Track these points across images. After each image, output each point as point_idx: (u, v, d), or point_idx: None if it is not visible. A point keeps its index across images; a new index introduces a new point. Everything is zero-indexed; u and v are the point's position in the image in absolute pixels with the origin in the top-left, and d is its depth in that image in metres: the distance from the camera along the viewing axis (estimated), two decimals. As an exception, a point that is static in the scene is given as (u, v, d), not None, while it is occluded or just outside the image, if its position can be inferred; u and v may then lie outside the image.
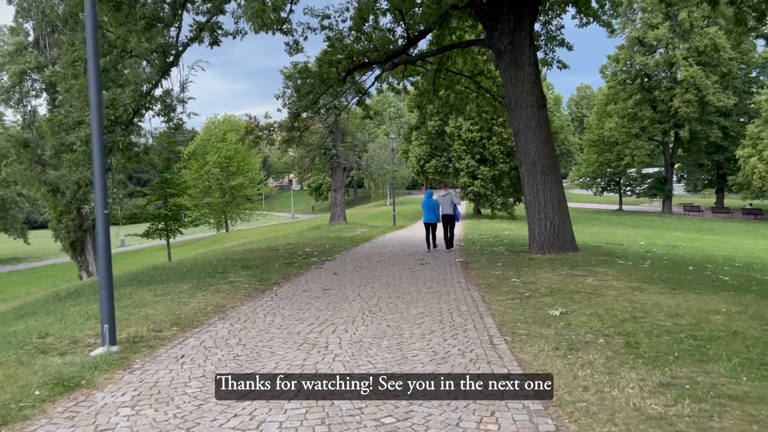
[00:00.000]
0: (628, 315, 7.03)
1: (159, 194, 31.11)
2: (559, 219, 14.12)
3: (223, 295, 8.94)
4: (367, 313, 7.45)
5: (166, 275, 11.41)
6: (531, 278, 10.05)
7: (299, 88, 19.46)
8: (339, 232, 26.74)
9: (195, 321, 7.17)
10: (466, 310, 7.55)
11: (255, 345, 5.98)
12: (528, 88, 14.16)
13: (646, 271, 11.13)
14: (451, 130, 43.81)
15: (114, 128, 10.31)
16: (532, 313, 7.28)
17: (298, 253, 15.92)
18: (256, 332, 6.56)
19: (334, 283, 10.41)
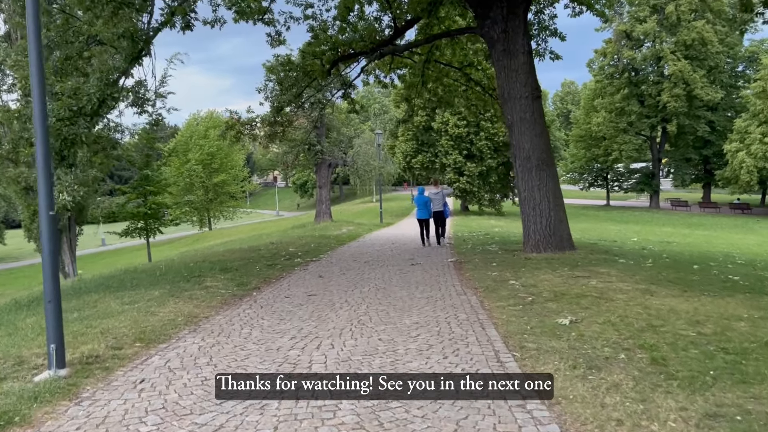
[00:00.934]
0: (644, 323, 6.35)
1: (138, 192, 30.07)
2: (555, 216, 13.46)
3: (197, 303, 8.13)
4: (355, 324, 6.69)
5: (138, 279, 10.56)
6: (531, 280, 9.35)
7: (282, 81, 18.63)
8: (324, 231, 25.93)
9: (162, 335, 6.38)
10: (466, 319, 6.82)
11: (228, 365, 5.21)
12: (522, 79, 13.47)
13: (649, 271, 10.48)
14: (438, 125, 43.12)
15: (77, 120, 9.45)
16: (539, 321, 6.57)
17: (281, 253, 15.11)
18: (231, 348, 5.79)
19: (319, 287, 9.65)
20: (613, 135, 54.74)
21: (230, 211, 62.53)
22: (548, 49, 17.86)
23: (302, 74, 17.87)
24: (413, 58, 18.85)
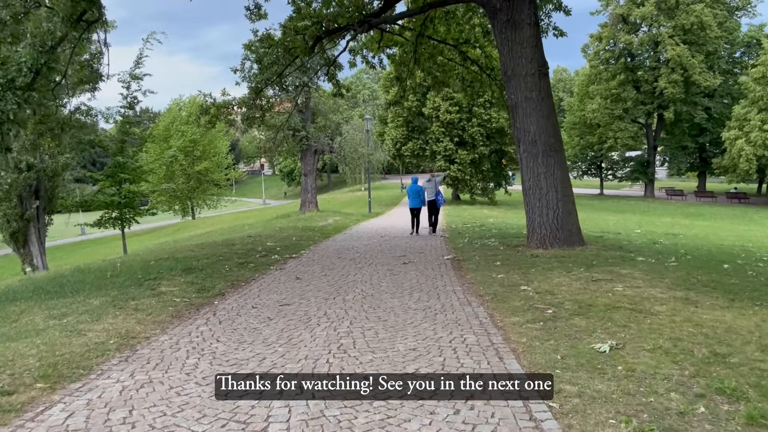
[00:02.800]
0: (705, 350, 4.94)
1: (113, 180, 28.24)
2: (564, 208, 12.03)
3: (142, 317, 6.60)
4: (334, 351, 5.19)
5: (83, 282, 8.97)
6: (545, 285, 7.91)
7: (261, 58, 16.97)
8: (309, 221, 24.36)
9: (81, 367, 4.86)
10: (475, 343, 5.35)
11: (152, 424, 3.71)
12: (528, 53, 11.97)
13: (677, 272, 9.05)
14: (428, 111, 41.50)
15: (4, 94, 7.83)
16: (570, 347, 5.12)
17: (257, 248, 13.54)
18: (163, 392, 4.28)
19: (294, 293, 8.13)
20: (608, 122, 53.32)
21: (214, 199, 60.51)
22: (552, 24, 16.30)
23: (283, 51, 16.27)
24: (404, 35, 17.29)
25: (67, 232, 46.25)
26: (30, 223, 25.91)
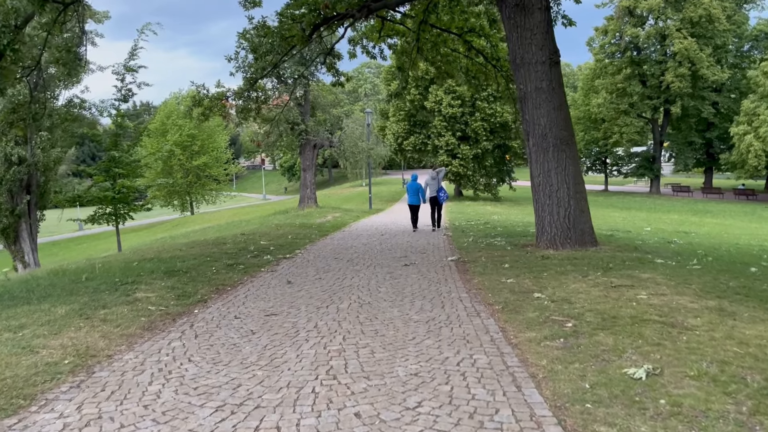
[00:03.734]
0: (759, 377, 4.17)
1: (106, 175, 27.44)
2: (576, 206, 11.26)
3: (109, 329, 5.84)
4: (323, 377, 4.42)
5: (54, 286, 8.20)
6: (560, 291, 7.14)
7: (256, 47, 16.19)
8: (307, 218, 23.58)
9: (22, 396, 4.10)
10: (488, 366, 4.58)
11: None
12: (538, 40, 11.18)
13: (702, 276, 8.26)
14: (431, 105, 40.63)
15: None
16: (598, 371, 4.35)
17: (249, 248, 12.77)
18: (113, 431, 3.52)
19: (284, 300, 7.36)
20: (613, 117, 52.35)
21: (213, 194, 59.66)
22: (561, 12, 15.47)
23: (279, 40, 15.51)
24: (406, 23, 16.50)
25: (65, 227, 45.54)
26: (21, 218, 25.15)
